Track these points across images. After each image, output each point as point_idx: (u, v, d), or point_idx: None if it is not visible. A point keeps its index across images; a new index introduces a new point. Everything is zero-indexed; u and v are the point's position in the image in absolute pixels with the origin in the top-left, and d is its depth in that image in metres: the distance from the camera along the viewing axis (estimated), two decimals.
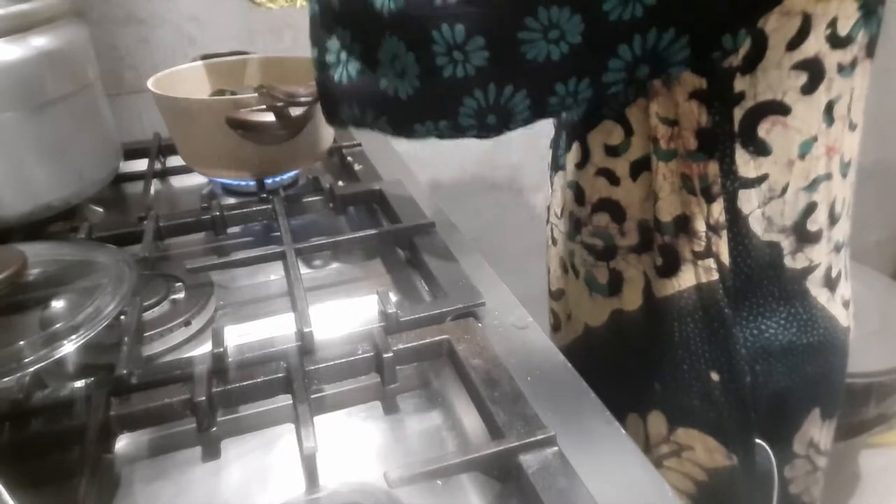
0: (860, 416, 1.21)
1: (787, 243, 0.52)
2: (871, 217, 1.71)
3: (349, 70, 0.50)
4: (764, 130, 0.48)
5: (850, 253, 0.57)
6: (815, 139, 0.49)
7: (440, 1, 0.43)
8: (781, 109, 0.47)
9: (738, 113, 0.47)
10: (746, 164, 0.49)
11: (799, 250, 0.52)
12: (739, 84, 0.46)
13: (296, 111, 0.64)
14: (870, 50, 0.48)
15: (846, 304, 0.57)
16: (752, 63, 0.45)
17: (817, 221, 0.52)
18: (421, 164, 1.17)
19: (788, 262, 0.52)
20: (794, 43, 0.45)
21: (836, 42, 0.45)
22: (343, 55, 0.50)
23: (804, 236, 0.52)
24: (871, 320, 1.25)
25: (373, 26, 0.47)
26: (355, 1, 0.47)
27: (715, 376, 0.54)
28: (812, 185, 0.50)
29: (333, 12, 0.49)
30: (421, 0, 0.44)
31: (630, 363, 0.60)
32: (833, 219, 0.53)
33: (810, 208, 0.51)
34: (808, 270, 0.53)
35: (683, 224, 0.52)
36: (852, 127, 0.51)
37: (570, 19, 0.41)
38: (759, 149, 0.48)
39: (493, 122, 0.47)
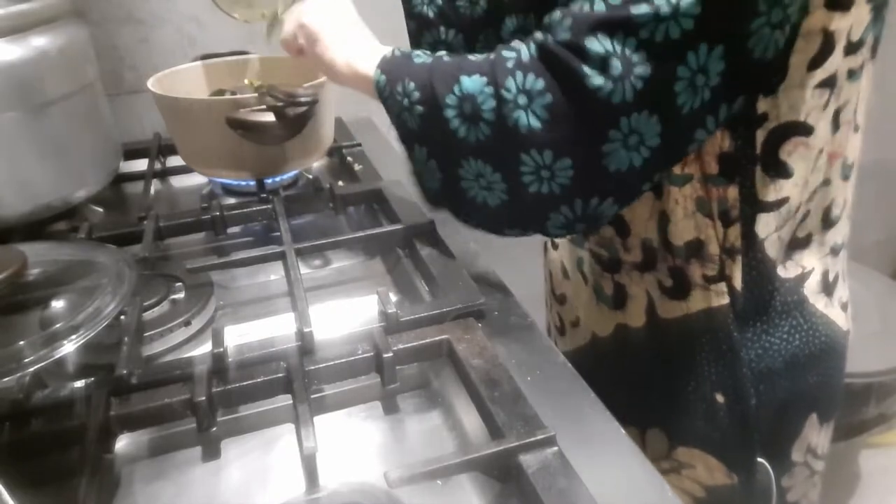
0: (860, 416, 1.21)
1: (777, 254, 0.51)
2: (871, 217, 1.71)
3: (434, 181, 0.50)
4: (786, 153, 0.47)
5: (847, 254, 0.57)
6: (822, 151, 0.48)
7: (526, 130, 0.42)
8: (804, 130, 0.46)
9: (761, 135, 0.47)
10: (766, 188, 0.48)
11: (788, 258, 0.52)
12: (762, 105, 0.46)
13: (296, 111, 0.64)
14: (874, 51, 0.48)
15: (844, 307, 0.57)
16: (774, 85, 0.45)
17: (806, 227, 0.51)
18: None
19: (781, 272, 0.52)
20: (816, 62, 0.44)
21: (850, 49, 0.45)
22: (425, 168, 0.50)
23: (792, 243, 0.51)
24: (870, 320, 1.25)
25: (455, 150, 0.46)
26: (435, 126, 0.47)
27: (720, 398, 0.54)
28: (811, 196, 0.50)
29: (411, 131, 0.49)
30: (507, 131, 0.43)
31: (633, 378, 0.60)
32: (828, 222, 0.52)
33: (804, 216, 0.51)
34: (803, 278, 0.52)
35: (696, 248, 0.51)
36: (856, 129, 0.50)
37: (648, 120, 0.41)
38: (781, 171, 0.48)
39: (583, 228, 0.48)
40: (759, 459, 0.55)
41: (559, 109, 0.42)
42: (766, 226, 0.49)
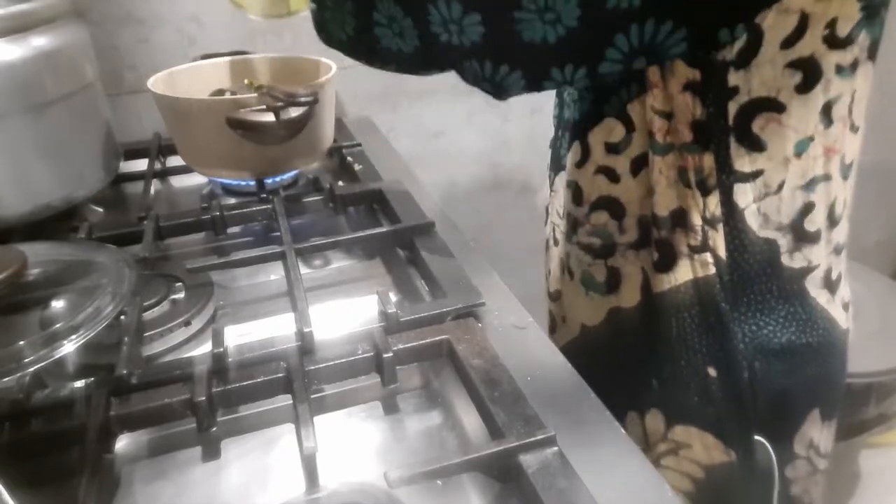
0: (860, 416, 1.21)
1: (784, 241, 0.51)
2: (871, 217, 1.71)
3: (346, 28, 0.49)
4: (758, 127, 0.48)
5: (848, 254, 0.57)
6: (811, 139, 0.48)
7: None
8: (776, 107, 0.47)
9: (733, 107, 0.47)
10: (741, 159, 0.49)
11: (797, 250, 0.52)
12: (733, 79, 0.46)
13: (296, 111, 0.64)
14: (871, 52, 0.48)
15: (845, 307, 0.57)
16: (746, 58, 0.45)
17: (815, 222, 0.51)
18: (421, 164, 1.17)
19: (786, 260, 0.52)
20: (790, 41, 0.45)
21: (835, 43, 0.45)
22: (339, 13, 0.49)
23: (802, 236, 0.51)
24: (870, 320, 1.24)
25: None
26: None
27: (712, 372, 0.54)
28: (809, 185, 0.50)
29: None
30: None
31: (628, 361, 0.60)
32: (833, 220, 0.53)
33: (807, 208, 0.51)
34: (807, 271, 0.53)
35: (680, 218, 0.52)
36: (854, 129, 0.51)
37: (566, 3, 0.41)
38: (754, 144, 0.48)
39: (489, 91, 0.47)
40: (758, 438, 0.55)
41: None
42: (744, 195, 0.50)
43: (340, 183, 0.77)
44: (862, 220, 0.55)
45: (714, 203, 0.50)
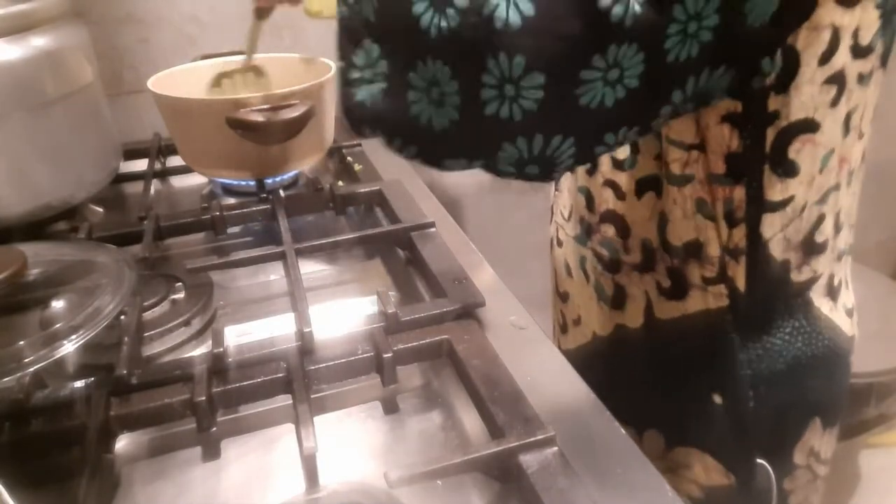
0: (860, 416, 1.21)
1: (795, 258, 0.51)
2: (871, 217, 1.70)
3: (373, 91, 0.42)
4: (794, 151, 0.47)
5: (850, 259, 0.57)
6: (832, 151, 0.48)
7: (501, 24, 0.37)
8: (812, 127, 0.46)
9: (771, 134, 0.46)
10: (773, 188, 0.48)
11: (805, 263, 0.51)
12: (773, 103, 0.45)
13: (296, 111, 0.64)
14: (883, 60, 0.48)
15: (850, 313, 0.56)
16: (786, 82, 0.44)
17: (824, 233, 0.51)
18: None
19: (794, 275, 0.51)
20: (826, 57, 0.44)
21: (858, 52, 0.45)
22: (368, 73, 0.42)
23: (811, 249, 0.51)
24: (871, 321, 1.24)
25: (413, 46, 0.40)
26: (396, 14, 0.39)
27: (717, 399, 0.54)
28: (823, 198, 0.50)
29: (365, 21, 0.41)
30: (479, 22, 0.37)
31: (631, 378, 0.60)
32: (837, 228, 0.52)
33: (819, 220, 0.50)
34: (812, 281, 0.52)
35: (695, 249, 0.51)
36: (861, 136, 0.50)
37: (633, 57, 0.38)
38: (788, 170, 0.47)
39: (535, 173, 0.43)
40: (760, 461, 0.55)
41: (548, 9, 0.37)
42: (770, 226, 0.49)
43: (340, 183, 0.77)
44: (862, 220, 0.55)
45: (739, 235, 0.49)
